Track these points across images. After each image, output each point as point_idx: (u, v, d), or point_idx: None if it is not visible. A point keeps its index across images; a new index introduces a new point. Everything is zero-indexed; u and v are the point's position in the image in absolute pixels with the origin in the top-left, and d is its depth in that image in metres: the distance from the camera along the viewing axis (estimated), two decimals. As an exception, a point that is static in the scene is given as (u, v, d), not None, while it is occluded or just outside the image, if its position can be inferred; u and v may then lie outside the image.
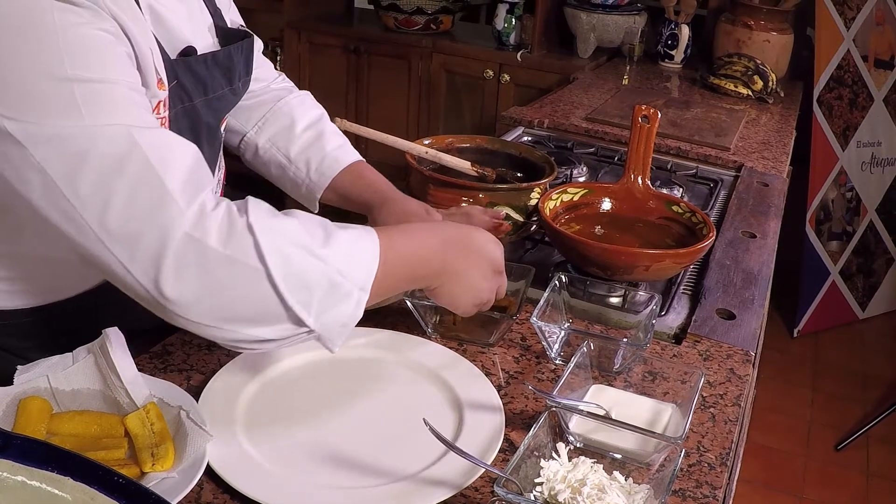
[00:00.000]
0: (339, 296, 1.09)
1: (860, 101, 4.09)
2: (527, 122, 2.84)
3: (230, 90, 1.41)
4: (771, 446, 3.52)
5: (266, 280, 1.04)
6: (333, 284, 1.08)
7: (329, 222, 1.13)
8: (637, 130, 1.80)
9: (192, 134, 1.32)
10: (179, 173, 1.04)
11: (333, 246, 1.09)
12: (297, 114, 1.70)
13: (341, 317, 1.11)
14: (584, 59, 3.98)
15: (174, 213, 1.01)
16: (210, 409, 1.24)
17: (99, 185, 1.01)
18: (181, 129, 1.28)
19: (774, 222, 2.16)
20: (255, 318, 1.07)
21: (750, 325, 1.63)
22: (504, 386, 1.38)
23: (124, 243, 1.02)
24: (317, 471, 1.16)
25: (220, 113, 1.42)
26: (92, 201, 1.01)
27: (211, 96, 1.35)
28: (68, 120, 1.01)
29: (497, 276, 1.34)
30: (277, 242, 1.04)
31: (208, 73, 1.33)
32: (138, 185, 1.01)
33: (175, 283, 1.02)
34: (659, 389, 1.34)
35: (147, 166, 1.02)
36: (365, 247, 1.13)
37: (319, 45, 4.41)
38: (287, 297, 1.05)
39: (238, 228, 1.04)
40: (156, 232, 1.01)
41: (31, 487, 0.70)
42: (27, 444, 0.71)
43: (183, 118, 1.29)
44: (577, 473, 1.11)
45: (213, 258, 1.02)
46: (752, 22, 3.64)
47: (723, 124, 2.96)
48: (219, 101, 1.38)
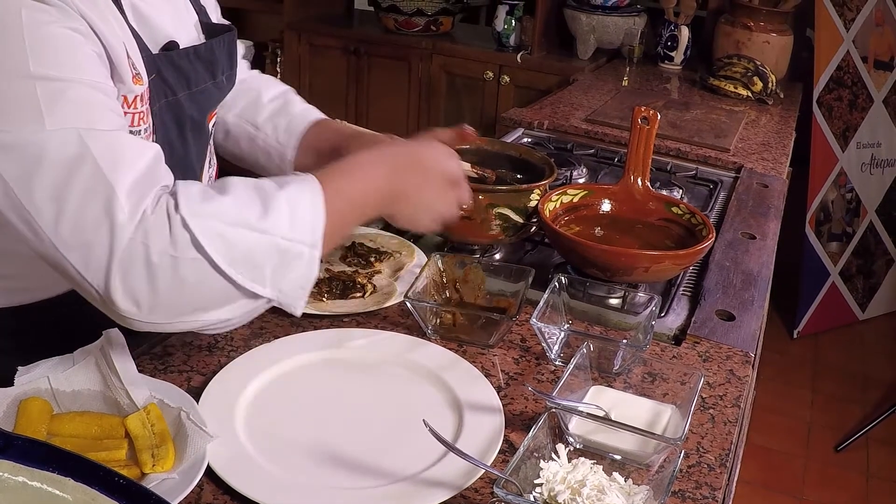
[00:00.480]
0: (290, 260, 1.10)
1: (860, 103, 4.09)
2: (526, 124, 2.85)
3: (213, 84, 1.42)
4: (771, 447, 3.52)
5: (212, 268, 1.05)
6: (282, 252, 1.09)
7: (267, 183, 1.13)
8: (637, 132, 1.80)
9: (177, 127, 1.33)
10: (129, 178, 1.04)
11: (273, 213, 1.09)
12: (263, 87, 1.72)
13: (298, 280, 1.12)
14: (584, 61, 3.98)
15: (120, 220, 1.02)
16: (210, 410, 1.24)
17: (52, 193, 1.02)
18: (165, 122, 1.29)
19: (774, 223, 2.17)
20: (208, 305, 1.09)
21: (749, 326, 1.63)
22: (504, 387, 1.38)
23: (78, 251, 1.03)
24: (317, 472, 1.16)
25: (204, 107, 1.41)
26: (46, 209, 1.03)
27: (194, 90, 1.35)
28: (27, 123, 1.02)
29: (454, 188, 1.35)
30: (215, 228, 1.05)
31: (191, 67, 1.33)
32: (88, 193, 1.03)
33: (124, 294, 1.04)
34: (658, 391, 1.34)
35: (97, 173, 1.03)
36: (308, 203, 1.13)
37: (319, 46, 4.42)
38: (236, 278, 1.07)
39: (175, 224, 1.04)
40: (104, 240, 1.02)
41: (31, 488, 0.70)
42: (28, 445, 0.71)
43: (167, 112, 1.30)
44: (577, 474, 1.11)
45: (157, 261, 1.03)
46: (751, 23, 3.64)
47: (722, 125, 2.96)
48: (202, 94, 1.38)
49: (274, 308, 1.50)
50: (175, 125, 1.32)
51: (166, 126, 1.29)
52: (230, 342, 1.44)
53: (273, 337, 1.46)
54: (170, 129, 1.30)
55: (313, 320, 1.52)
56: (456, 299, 1.59)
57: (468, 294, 1.59)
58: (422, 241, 1.86)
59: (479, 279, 1.59)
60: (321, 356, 1.41)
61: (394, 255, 1.72)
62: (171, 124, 1.31)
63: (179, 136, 1.33)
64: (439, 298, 1.56)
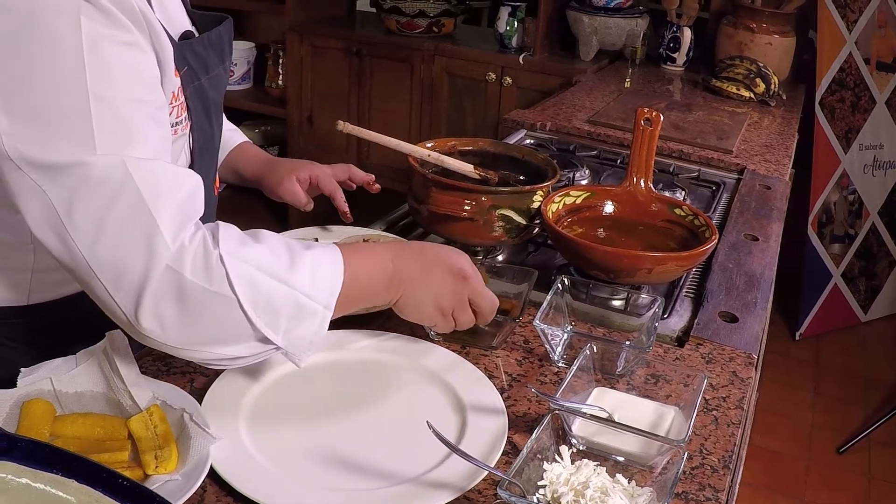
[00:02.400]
0: (305, 315, 1.15)
1: (862, 104, 4.09)
2: (529, 125, 2.85)
3: (223, 68, 1.47)
4: (773, 449, 3.52)
5: (237, 307, 1.09)
6: (299, 306, 1.14)
7: (295, 243, 1.18)
8: (639, 133, 1.80)
9: (204, 112, 1.37)
10: (169, 208, 1.08)
11: (298, 269, 1.14)
12: None
13: (307, 334, 1.16)
14: (587, 62, 3.98)
15: (159, 248, 1.06)
16: (213, 411, 1.24)
17: (94, 216, 1.05)
18: (196, 108, 1.33)
19: (777, 225, 2.16)
20: (225, 340, 1.12)
21: (752, 327, 1.63)
22: (507, 389, 1.38)
23: (111, 272, 1.06)
24: (320, 473, 1.16)
25: (220, 90, 1.46)
26: (85, 230, 1.05)
27: (211, 74, 1.40)
28: (78, 145, 1.04)
29: (461, 281, 1.32)
30: (246, 271, 1.10)
31: (206, 53, 1.37)
32: (129, 219, 1.05)
33: (152, 316, 1.08)
34: (662, 392, 1.34)
35: (139, 201, 1.06)
36: (329, 267, 1.18)
37: (321, 47, 4.41)
38: (255, 321, 1.11)
39: (212, 260, 1.08)
40: (140, 265, 1.06)
41: (35, 490, 0.70)
42: (32, 447, 0.71)
43: (195, 98, 1.33)
44: (580, 476, 1.11)
45: (189, 289, 1.07)
46: (753, 25, 3.64)
47: (725, 127, 2.96)
48: (217, 79, 1.43)
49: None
50: (202, 110, 1.36)
51: (197, 111, 1.34)
52: (233, 343, 1.44)
53: (276, 338, 1.45)
54: (199, 114, 1.35)
55: (316, 322, 1.51)
56: None
57: None
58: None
59: (484, 279, 1.59)
60: (324, 358, 1.41)
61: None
62: (199, 109, 1.35)
63: (206, 120, 1.39)
64: None
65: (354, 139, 4.38)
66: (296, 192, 1.77)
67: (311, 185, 1.79)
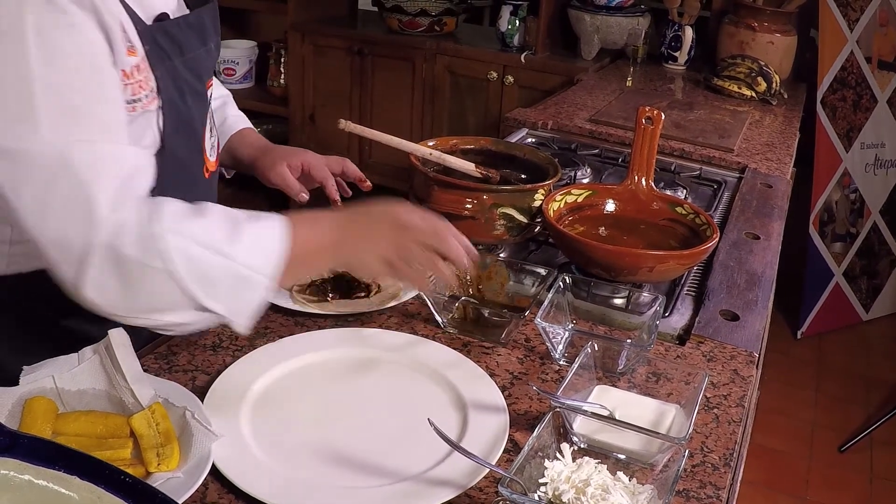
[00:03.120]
0: (246, 286, 1.18)
1: (864, 103, 4.09)
2: (531, 124, 2.85)
3: (204, 50, 1.49)
4: (774, 448, 3.52)
5: (174, 280, 1.13)
6: (240, 277, 1.17)
7: (241, 215, 1.22)
8: (641, 132, 1.80)
9: (178, 92, 1.39)
10: (107, 187, 1.14)
11: (240, 241, 1.18)
12: None
13: (249, 304, 1.19)
14: (588, 61, 3.97)
15: (98, 225, 1.12)
16: (215, 409, 1.24)
17: (37, 198, 1.12)
18: (168, 87, 1.35)
19: (778, 224, 2.17)
20: (165, 308, 1.17)
21: (753, 326, 1.63)
22: (508, 387, 1.38)
23: (56, 247, 1.13)
24: (321, 470, 1.16)
25: (200, 73, 1.47)
26: (31, 209, 1.13)
27: (188, 56, 1.42)
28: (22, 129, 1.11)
29: (401, 231, 1.32)
30: (184, 244, 1.14)
31: (182, 35, 1.40)
32: (69, 198, 1.12)
33: (93, 287, 1.13)
34: (663, 390, 1.34)
35: (78, 182, 1.12)
36: (271, 237, 1.21)
37: (323, 46, 4.41)
38: (195, 293, 1.15)
39: (150, 235, 1.13)
40: (80, 241, 1.12)
41: (37, 486, 0.70)
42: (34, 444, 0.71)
43: (167, 77, 1.36)
44: (582, 474, 1.11)
45: (128, 264, 1.12)
46: (755, 24, 3.64)
47: (726, 126, 2.96)
48: (196, 60, 1.45)
49: (279, 308, 1.52)
50: (175, 90, 1.39)
51: (169, 90, 1.36)
52: (234, 342, 1.44)
53: (278, 337, 1.46)
54: (172, 94, 1.37)
55: (318, 320, 1.52)
56: (477, 295, 1.60)
57: (490, 291, 1.60)
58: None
59: (503, 277, 1.60)
60: (326, 356, 1.41)
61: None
62: (172, 89, 1.37)
63: (181, 100, 1.40)
64: (462, 293, 1.57)
65: (356, 138, 4.38)
66: (286, 177, 1.75)
67: (302, 173, 1.77)
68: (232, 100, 1.92)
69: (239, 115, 1.88)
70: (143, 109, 1.30)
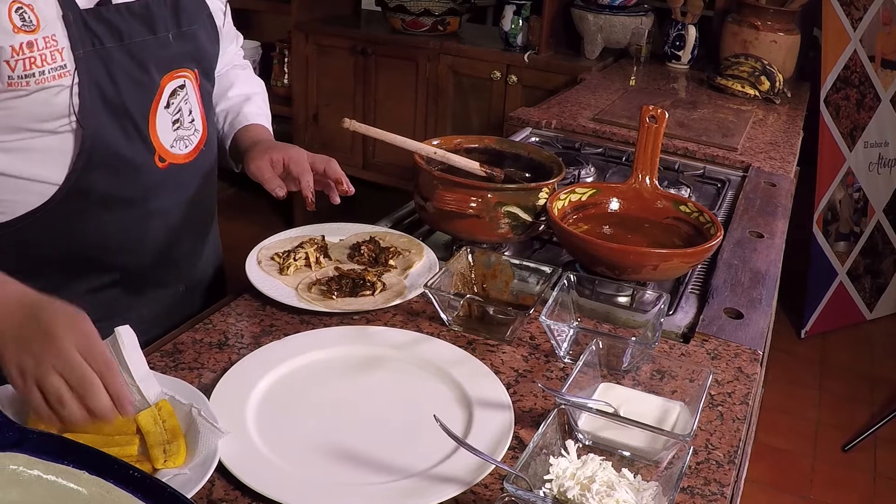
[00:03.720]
0: None
1: (867, 102, 4.09)
2: (534, 123, 2.85)
3: (153, 38, 1.53)
4: (778, 447, 3.52)
5: None
6: None
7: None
8: (645, 130, 1.80)
9: (108, 76, 1.45)
10: None
11: None
12: (237, 82, 1.92)
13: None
14: (592, 60, 3.98)
15: None
16: (221, 406, 1.25)
17: None
18: (91, 67, 1.42)
19: (782, 222, 2.17)
20: None
21: (758, 324, 1.63)
22: (513, 384, 1.38)
23: None
24: (327, 467, 1.17)
25: (144, 60, 1.51)
26: None
27: (127, 42, 1.47)
28: None
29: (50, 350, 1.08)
30: None
31: (123, 21, 1.47)
32: None
33: None
34: (667, 388, 1.35)
35: None
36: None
37: (327, 46, 4.42)
38: None
39: None
40: None
41: (46, 481, 0.70)
42: (43, 439, 0.72)
43: (94, 58, 1.43)
44: (587, 470, 1.11)
45: None
46: (758, 22, 3.64)
47: (730, 125, 2.96)
48: (140, 47, 1.50)
49: (283, 305, 1.52)
50: (105, 72, 1.44)
51: (93, 71, 1.42)
52: (240, 339, 1.45)
53: (283, 334, 1.46)
54: (98, 75, 1.43)
55: (323, 318, 1.52)
56: (482, 292, 1.60)
57: (494, 290, 1.60)
58: (431, 238, 1.87)
59: (508, 275, 1.60)
60: (331, 353, 1.41)
61: (403, 253, 1.72)
62: (99, 70, 1.44)
63: (112, 84, 1.45)
64: (467, 291, 1.57)
65: (360, 138, 4.38)
66: (264, 171, 1.67)
67: (284, 169, 1.70)
68: (259, 97, 1.93)
69: (254, 112, 1.88)
70: (43, 84, 1.37)
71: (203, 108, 1.65)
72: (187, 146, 1.61)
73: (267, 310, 1.55)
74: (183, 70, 1.59)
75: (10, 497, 0.70)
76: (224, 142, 1.86)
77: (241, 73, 1.95)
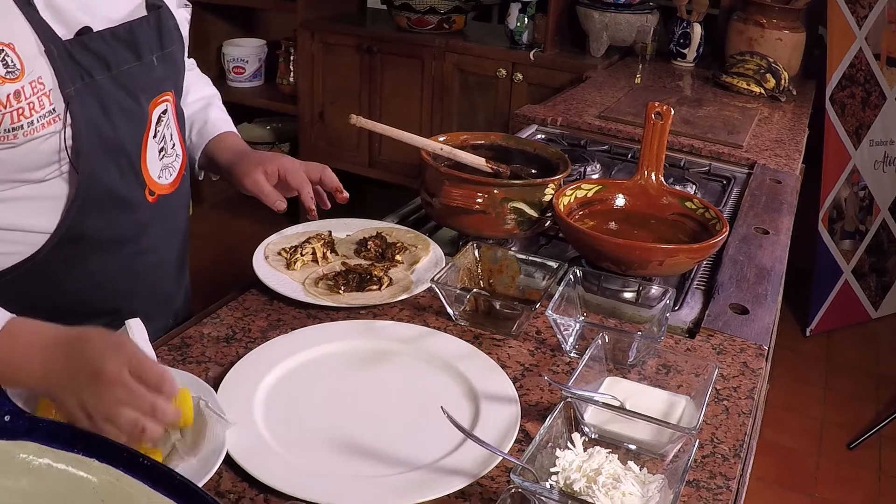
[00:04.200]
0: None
1: (872, 100, 4.09)
2: (540, 121, 2.85)
3: (139, 64, 1.43)
4: (783, 445, 3.52)
5: None
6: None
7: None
8: (650, 127, 1.80)
9: (102, 110, 1.35)
10: None
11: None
12: (192, 86, 1.80)
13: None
14: (597, 58, 3.98)
15: None
16: (229, 399, 1.25)
17: None
18: (86, 104, 1.32)
19: (787, 219, 2.17)
20: None
21: (763, 319, 1.63)
22: (519, 378, 1.39)
23: None
24: (334, 459, 1.17)
25: (133, 89, 1.41)
26: None
27: (115, 71, 1.37)
28: None
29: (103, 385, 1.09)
30: None
31: (108, 49, 1.36)
32: None
33: None
34: (673, 382, 1.35)
35: None
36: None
37: (332, 44, 4.42)
38: None
39: None
40: None
41: (56, 469, 0.71)
42: (53, 427, 0.72)
43: (86, 94, 1.32)
44: (593, 463, 1.12)
45: None
46: (764, 20, 3.64)
47: (735, 122, 2.96)
48: (128, 75, 1.40)
49: (291, 300, 1.53)
50: (99, 108, 1.35)
51: (87, 108, 1.31)
52: (248, 334, 1.45)
53: (290, 329, 1.47)
54: (92, 111, 1.33)
55: (330, 313, 1.53)
56: (488, 288, 1.60)
57: (501, 285, 1.61)
58: (437, 234, 1.87)
59: (514, 271, 1.60)
60: (338, 347, 1.42)
61: (409, 248, 1.73)
62: (92, 106, 1.33)
63: (106, 119, 1.36)
64: (473, 286, 1.58)
65: (366, 135, 4.39)
66: (261, 185, 1.66)
67: (279, 180, 1.69)
68: (217, 101, 1.86)
69: (221, 119, 1.82)
70: (31, 135, 1.27)
71: (179, 129, 1.59)
72: (171, 174, 1.54)
73: (274, 304, 1.55)
74: (165, 94, 1.51)
75: (20, 485, 0.70)
76: (193, 152, 1.77)
77: (191, 75, 1.81)
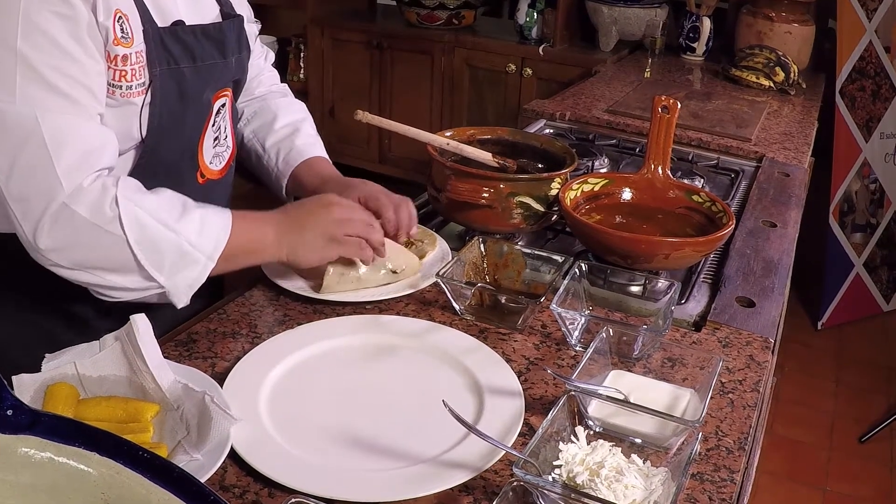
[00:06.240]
0: (188, 262, 1.34)
1: (883, 93, 4.07)
2: (548, 115, 2.85)
3: (223, 62, 1.54)
4: (794, 439, 3.52)
5: (125, 245, 1.29)
6: (183, 252, 1.33)
7: (190, 201, 1.38)
8: (657, 120, 1.80)
9: (178, 95, 1.45)
10: (68, 156, 1.27)
11: (188, 220, 1.34)
12: (280, 112, 1.87)
13: (188, 279, 1.35)
14: (606, 53, 3.98)
15: (56, 188, 1.26)
16: (234, 394, 1.26)
17: (8, 156, 1.25)
18: (166, 87, 1.41)
19: (795, 212, 2.16)
20: (111, 268, 1.31)
21: (770, 312, 1.63)
22: (524, 372, 1.39)
23: (19, 204, 1.27)
24: (338, 454, 1.18)
25: (208, 81, 1.51)
26: (1, 167, 1.26)
27: (200, 64, 1.48)
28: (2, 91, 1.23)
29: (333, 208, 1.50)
30: (137, 214, 1.29)
31: (198, 43, 1.47)
32: (34, 161, 1.26)
33: (47, 238, 1.28)
34: (678, 375, 1.35)
35: (43, 147, 1.25)
36: (216, 223, 1.37)
37: (342, 40, 4.43)
38: (141, 259, 1.30)
39: (107, 201, 1.28)
40: (40, 200, 1.27)
41: (57, 463, 0.71)
42: (54, 422, 0.72)
43: (168, 78, 1.42)
44: (596, 456, 1.12)
45: (82, 224, 1.27)
46: (773, 14, 3.63)
47: (744, 116, 2.96)
48: (209, 69, 1.50)
49: (296, 295, 1.53)
50: (176, 92, 1.44)
51: (166, 90, 1.42)
52: (253, 329, 1.46)
53: (296, 324, 1.47)
54: (170, 95, 1.43)
55: (336, 307, 1.53)
56: (493, 282, 1.61)
57: (506, 279, 1.61)
58: (445, 229, 1.88)
59: (520, 265, 1.61)
60: (343, 342, 1.42)
61: (416, 243, 1.73)
62: (171, 90, 1.43)
63: (180, 103, 1.45)
64: (479, 280, 1.58)
65: (376, 131, 4.40)
66: None
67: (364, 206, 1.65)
68: (306, 125, 1.86)
69: (308, 143, 1.81)
70: (125, 99, 1.37)
71: (232, 123, 1.66)
72: (221, 162, 1.63)
73: (280, 300, 1.56)
74: (226, 89, 1.60)
75: (23, 479, 0.71)
76: (280, 180, 1.79)
77: (282, 102, 1.88)
